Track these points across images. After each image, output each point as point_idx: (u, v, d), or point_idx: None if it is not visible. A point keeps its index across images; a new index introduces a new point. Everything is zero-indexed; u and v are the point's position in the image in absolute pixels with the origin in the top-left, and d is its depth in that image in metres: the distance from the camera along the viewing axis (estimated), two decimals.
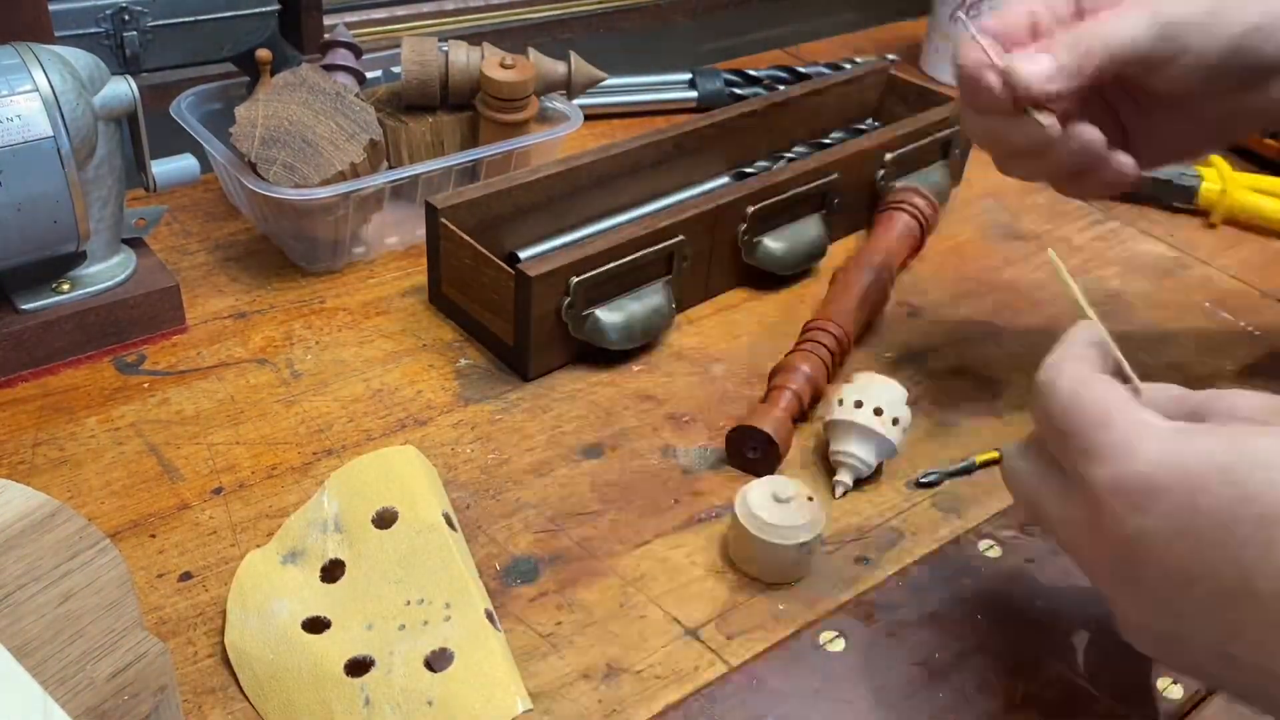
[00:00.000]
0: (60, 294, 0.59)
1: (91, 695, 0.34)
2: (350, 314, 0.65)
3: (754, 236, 0.68)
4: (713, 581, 0.50)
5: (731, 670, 0.46)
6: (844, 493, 0.55)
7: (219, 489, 0.53)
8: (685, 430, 0.59)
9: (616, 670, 0.46)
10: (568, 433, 0.58)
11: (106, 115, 0.57)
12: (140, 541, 0.50)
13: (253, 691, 0.43)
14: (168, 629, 0.46)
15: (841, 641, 0.48)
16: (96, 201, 0.58)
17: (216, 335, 0.63)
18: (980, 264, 0.75)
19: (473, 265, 0.61)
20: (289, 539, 0.48)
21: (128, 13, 0.83)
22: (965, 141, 0.81)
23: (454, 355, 0.63)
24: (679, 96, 0.92)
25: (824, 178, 0.71)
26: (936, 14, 1.01)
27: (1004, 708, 0.45)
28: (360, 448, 0.56)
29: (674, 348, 0.65)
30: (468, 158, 0.69)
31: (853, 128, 0.85)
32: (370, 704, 0.41)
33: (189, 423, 0.57)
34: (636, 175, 0.72)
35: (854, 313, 0.63)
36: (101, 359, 0.60)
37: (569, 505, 0.54)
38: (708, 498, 0.55)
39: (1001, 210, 0.82)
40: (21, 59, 0.54)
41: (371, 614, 0.44)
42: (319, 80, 0.66)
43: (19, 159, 0.53)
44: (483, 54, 0.71)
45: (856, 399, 0.55)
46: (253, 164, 0.63)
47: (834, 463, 0.55)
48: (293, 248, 0.68)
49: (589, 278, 0.59)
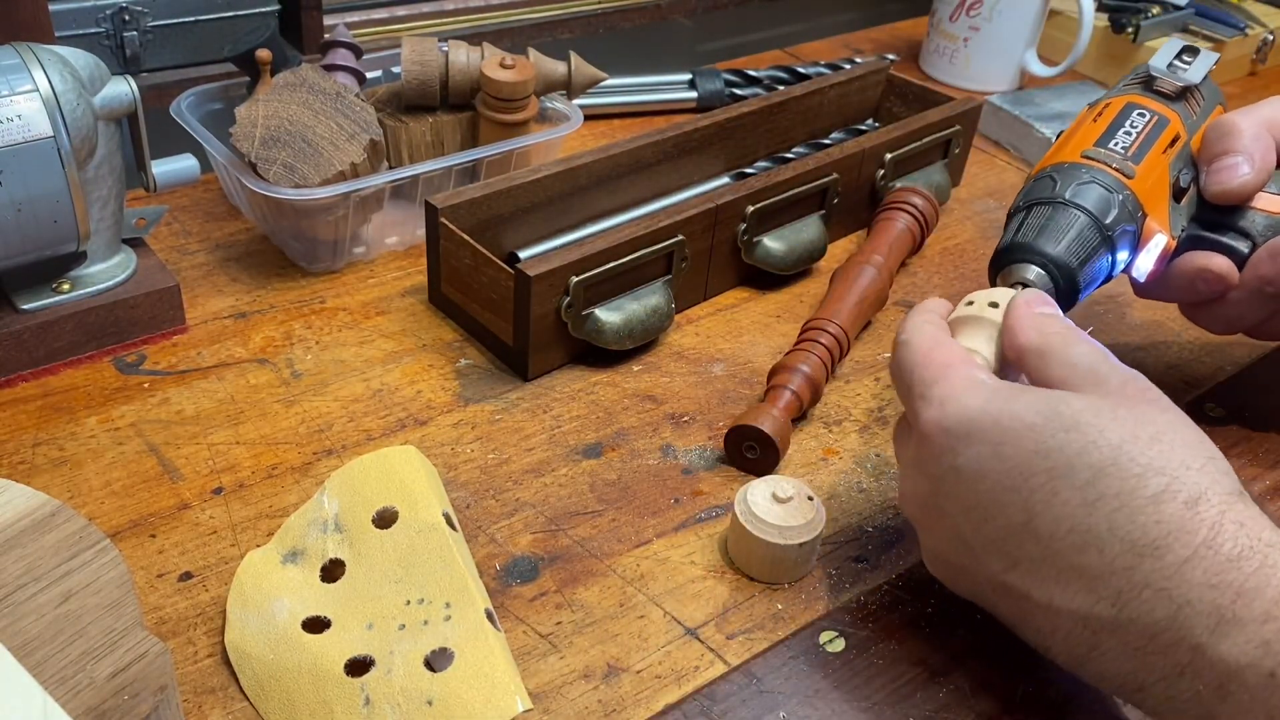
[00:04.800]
0: (60, 294, 0.59)
1: (91, 695, 0.34)
2: (350, 314, 0.65)
3: (754, 236, 0.68)
4: (713, 581, 0.50)
5: (731, 670, 0.46)
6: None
7: (219, 489, 0.53)
8: (685, 430, 0.59)
9: (616, 670, 0.46)
10: (567, 432, 0.58)
11: (106, 115, 0.57)
12: (140, 541, 0.50)
13: (253, 691, 0.43)
14: (168, 629, 0.46)
15: (841, 641, 0.48)
16: (96, 201, 0.58)
17: (216, 335, 0.63)
18: (980, 264, 0.75)
19: (472, 265, 0.61)
20: (289, 539, 0.48)
21: (128, 13, 0.83)
22: (965, 141, 0.81)
23: (454, 355, 0.63)
24: (679, 96, 0.92)
25: (824, 178, 0.71)
26: (936, 14, 1.01)
27: (1003, 708, 0.45)
28: (360, 448, 0.56)
29: (674, 347, 0.65)
30: (468, 158, 0.69)
31: (852, 128, 0.85)
32: (370, 704, 0.41)
33: (189, 423, 0.57)
34: (636, 175, 0.72)
35: (853, 312, 0.63)
36: (101, 359, 0.60)
37: (569, 505, 0.54)
38: (708, 498, 0.55)
39: (1001, 210, 0.82)
40: (21, 59, 0.54)
41: (371, 614, 0.44)
42: (319, 80, 0.66)
43: (19, 159, 0.53)
44: (483, 54, 0.71)
45: (991, 300, 0.50)
46: (253, 164, 0.63)
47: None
48: (293, 248, 0.68)
49: (589, 277, 0.59)
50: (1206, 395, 0.64)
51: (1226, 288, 0.55)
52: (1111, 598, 0.39)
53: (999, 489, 0.41)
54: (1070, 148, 0.56)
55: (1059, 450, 0.40)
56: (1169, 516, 0.39)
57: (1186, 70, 0.59)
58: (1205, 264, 0.55)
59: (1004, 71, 1.00)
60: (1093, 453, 0.40)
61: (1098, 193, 0.53)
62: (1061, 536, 0.40)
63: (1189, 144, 0.58)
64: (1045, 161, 0.57)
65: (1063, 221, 0.53)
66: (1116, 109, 0.58)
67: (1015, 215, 0.55)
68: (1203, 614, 0.37)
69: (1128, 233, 0.54)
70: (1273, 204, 0.56)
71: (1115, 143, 0.56)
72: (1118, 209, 0.53)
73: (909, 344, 0.47)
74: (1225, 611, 0.37)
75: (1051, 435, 0.41)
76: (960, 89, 0.98)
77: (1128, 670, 0.40)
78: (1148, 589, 0.38)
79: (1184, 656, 0.38)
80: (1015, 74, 1.00)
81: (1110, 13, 1.04)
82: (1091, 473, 0.40)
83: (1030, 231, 0.53)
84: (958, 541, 0.44)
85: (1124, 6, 1.04)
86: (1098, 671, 0.41)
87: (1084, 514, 0.40)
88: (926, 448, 0.44)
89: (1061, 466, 0.40)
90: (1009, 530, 0.41)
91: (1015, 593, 0.42)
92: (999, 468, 0.41)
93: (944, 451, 0.43)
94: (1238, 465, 0.58)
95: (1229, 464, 0.41)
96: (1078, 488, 0.40)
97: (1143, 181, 0.55)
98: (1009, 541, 0.42)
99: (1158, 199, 0.55)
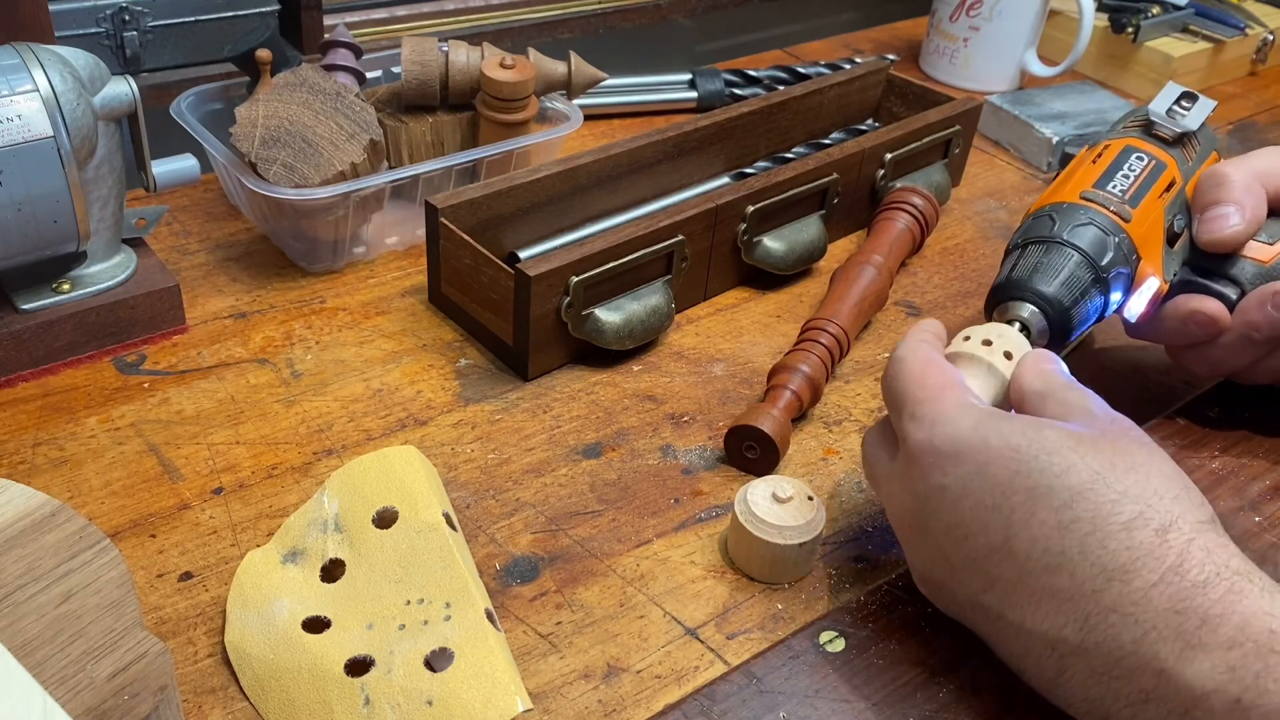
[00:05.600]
0: (60, 294, 0.59)
1: (91, 695, 0.34)
2: (350, 314, 0.65)
3: (754, 236, 0.68)
4: (712, 581, 0.50)
5: (731, 670, 0.46)
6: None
7: (219, 489, 0.53)
8: (685, 430, 0.59)
9: (616, 670, 0.46)
10: (567, 432, 0.58)
11: (106, 115, 0.57)
12: (140, 541, 0.50)
13: (253, 691, 0.43)
14: (168, 629, 0.46)
15: (841, 641, 0.48)
16: (96, 201, 0.58)
17: (216, 335, 0.63)
18: (980, 264, 0.75)
19: (472, 265, 0.61)
20: (289, 539, 0.48)
21: (128, 13, 0.83)
22: (965, 141, 0.81)
23: (454, 355, 0.63)
24: (679, 96, 0.92)
25: (823, 178, 0.71)
26: (936, 14, 1.01)
27: (1003, 708, 0.45)
28: (360, 448, 0.56)
29: (674, 347, 0.65)
30: (468, 158, 0.69)
31: (852, 128, 0.85)
32: (370, 704, 0.41)
33: (189, 423, 0.57)
34: (636, 175, 0.72)
35: (853, 312, 0.63)
36: (102, 359, 0.60)
37: (569, 505, 0.54)
38: (707, 498, 0.55)
39: (1001, 210, 0.82)
40: (21, 59, 0.54)
41: (371, 614, 0.44)
42: (319, 80, 0.66)
43: (19, 159, 0.53)
44: (483, 54, 0.71)
45: (985, 338, 0.51)
46: (253, 164, 0.63)
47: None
48: (293, 248, 0.68)
49: (589, 277, 0.59)
50: (1206, 395, 0.64)
51: (1218, 331, 0.56)
52: (1080, 621, 0.40)
53: (980, 508, 0.42)
54: (1069, 188, 0.57)
55: (1040, 472, 0.41)
56: (1139, 543, 0.39)
57: (1185, 116, 0.60)
58: (1198, 306, 0.56)
59: (1004, 71, 1.00)
60: (1071, 476, 0.41)
61: (1094, 234, 0.54)
62: (1036, 557, 0.41)
63: (1184, 189, 0.59)
64: (1044, 200, 0.58)
65: (1058, 261, 0.54)
66: (1115, 151, 0.59)
67: (1012, 252, 0.56)
68: (1168, 639, 0.38)
69: (1122, 275, 0.55)
70: (1263, 253, 0.57)
71: (1114, 185, 0.56)
72: (1113, 251, 0.54)
73: (903, 361, 0.47)
74: (1190, 637, 0.37)
75: (1034, 458, 0.41)
76: (960, 89, 0.98)
77: (1095, 695, 0.40)
78: (1114, 613, 0.39)
79: (1149, 682, 0.38)
80: (1015, 74, 1.00)
81: (1110, 13, 1.04)
82: (1069, 495, 0.40)
83: (1026, 269, 0.54)
84: (941, 560, 0.44)
85: (1124, 6, 1.04)
86: (1066, 697, 0.41)
87: (1058, 536, 0.40)
88: (914, 466, 0.45)
89: (1041, 488, 0.41)
90: (988, 549, 0.42)
91: (991, 613, 0.43)
92: (982, 486, 0.42)
93: (930, 470, 0.44)
94: (1238, 465, 0.58)
95: (1204, 498, 0.42)
96: (1054, 509, 0.41)
97: (1139, 225, 0.55)
98: (987, 561, 0.42)
99: (1152, 243, 0.56)
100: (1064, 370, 0.48)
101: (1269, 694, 0.36)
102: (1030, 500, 0.41)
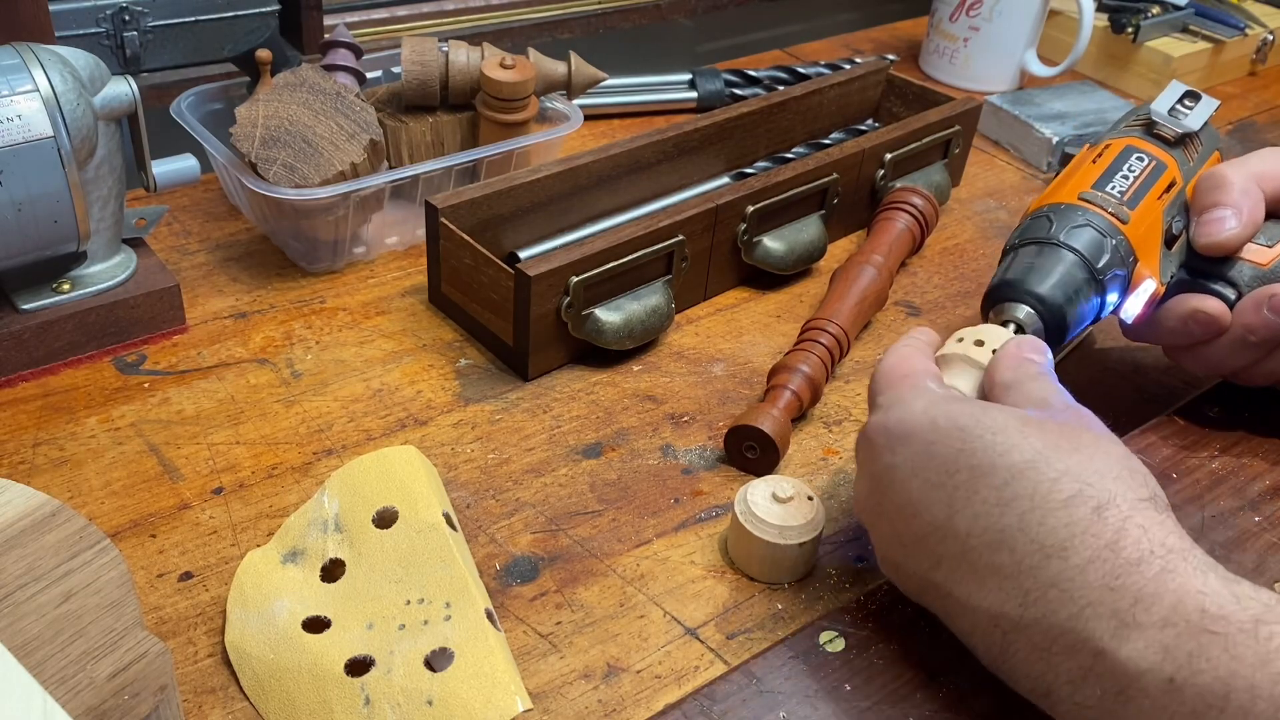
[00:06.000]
0: (60, 294, 0.59)
1: (91, 695, 0.34)
2: (350, 314, 0.65)
3: (753, 236, 0.68)
4: (712, 581, 0.50)
5: (731, 670, 0.46)
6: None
7: (219, 489, 0.53)
8: (685, 430, 0.59)
9: (616, 670, 0.46)
10: (567, 432, 0.58)
11: (106, 115, 0.57)
12: (140, 541, 0.50)
13: (253, 691, 0.43)
14: (168, 629, 0.46)
15: (841, 641, 0.48)
16: (97, 201, 0.58)
17: (216, 335, 0.63)
18: (980, 264, 0.75)
19: (472, 265, 0.61)
20: (289, 539, 0.48)
21: (128, 13, 0.83)
22: (965, 141, 0.81)
23: (454, 355, 0.63)
24: (679, 96, 0.92)
25: (823, 178, 0.71)
26: (936, 14, 1.01)
27: (1003, 708, 0.45)
28: (360, 448, 0.56)
29: (673, 347, 0.65)
30: (468, 158, 0.69)
31: (852, 128, 0.85)
32: (370, 703, 0.41)
33: (189, 423, 0.57)
34: (636, 175, 0.72)
35: (853, 312, 0.63)
36: (102, 359, 0.60)
37: (569, 505, 0.54)
38: (707, 498, 0.55)
39: (1001, 210, 0.82)
40: (21, 59, 0.54)
41: (371, 614, 0.44)
42: (319, 80, 0.66)
43: (19, 159, 0.53)
44: (483, 54, 0.71)
45: (978, 338, 0.52)
46: (253, 164, 0.63)
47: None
48: (293, 248, 0.68)
49: (589, 277, 0.59)
50: (1206, 395, 0.64)
51: (1219, 330, 0.56)
52: (1019, 597, 0.40)
53: (927, 486, 0.43)
54: (1068, 188, 0.57)
55: (983, 451, 0.42)
56: (1076, 519, 0.40)
57: (1187, 116, 0.59)
58: (1199, 306, 0.56)
59: (1004, 71, 1.00)
60: (1013, 454, 0.41)
61: (1091, 236, 0.54)
62: (978, 534, 0.41)
63: (1184, 190, 0.58)
64: (1043, 200, 0.57)
65: (1055, 263, 0.54)
66: (1116, 151, 0.58)
67: (1009, 253, 0.56)
68: (1103, 616, 0.38)
69: (1118, 277, 0.55)
70: (1260, 255, 0.57)
71: (1112, 186, 0.56)
72: (1110, 253, 0.54)
73: (880, 364, 0.49)
74: (1125, 615, 0.38)
75: (978, 437, 0.42)
76: (960, 89, 0.98)
77: (1037, 672, 0.40)
78: (1053, 589, 0.39)
79: (1087, 660, 0.38)
80: (1015, 74, 1.00)
81: (1110, 13, 1.04)
82: (1009, 473, 0.41)
83: (1022, 270, 0.54)
84: (895, 539, 0.45)
85: (1124, 6, 1.04)
86: (1011, 673, 0.42)
87: (999, 513, 0.41)
88: (869, 449, 0.46)
89: (984, 466, 0.42)
90: (933, 527, 0.43)
91: (941, 590, 0.43)
92: (928, 465, 0.43)
93: (883, 451, 0.45)
94: (1237, 465, 0.58)
95: (1153, 479, 0.42)
96: (995, 487, 0.41)
97: (1136, 227, 0.55)
98: (933, 538, 0.43)
99: (1150, 245, 0.56)
100: (1048, 361, 0.48)
101: (1201, 674, 0.36)
102: (973, 478, 0.42)
